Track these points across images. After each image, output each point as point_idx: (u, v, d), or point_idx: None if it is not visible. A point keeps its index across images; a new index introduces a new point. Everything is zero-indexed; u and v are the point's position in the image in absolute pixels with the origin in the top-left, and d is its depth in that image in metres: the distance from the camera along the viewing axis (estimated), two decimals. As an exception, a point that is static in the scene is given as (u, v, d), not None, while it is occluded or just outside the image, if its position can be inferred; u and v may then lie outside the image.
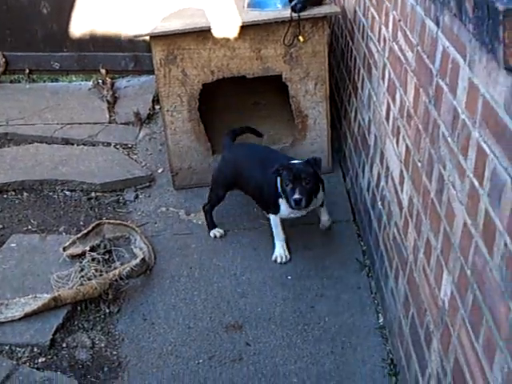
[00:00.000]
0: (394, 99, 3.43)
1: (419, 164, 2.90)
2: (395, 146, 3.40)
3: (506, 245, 1.88)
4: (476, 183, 2.14)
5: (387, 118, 3.59)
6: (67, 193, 5.13)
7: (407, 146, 3.14)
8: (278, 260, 4.23)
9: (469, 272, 2.23)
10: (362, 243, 4.37)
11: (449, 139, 2.44)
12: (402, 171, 3.25)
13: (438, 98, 2.60)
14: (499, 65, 1.87)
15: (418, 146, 2.93)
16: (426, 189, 2.78)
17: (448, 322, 2.48)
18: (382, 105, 3.71)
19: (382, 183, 3.73)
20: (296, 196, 3.86)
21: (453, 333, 2.41)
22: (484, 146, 2.05)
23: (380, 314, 3.79)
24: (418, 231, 2.92)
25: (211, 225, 4.56)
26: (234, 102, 5.78)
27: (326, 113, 4.91)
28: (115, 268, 4.13)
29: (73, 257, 4.28)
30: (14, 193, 5.14)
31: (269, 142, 5.09)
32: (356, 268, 4.17)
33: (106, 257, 4.33)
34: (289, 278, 4.10)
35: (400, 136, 3.29)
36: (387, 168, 3.60)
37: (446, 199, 2.48)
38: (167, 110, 4.82)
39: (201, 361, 3.57)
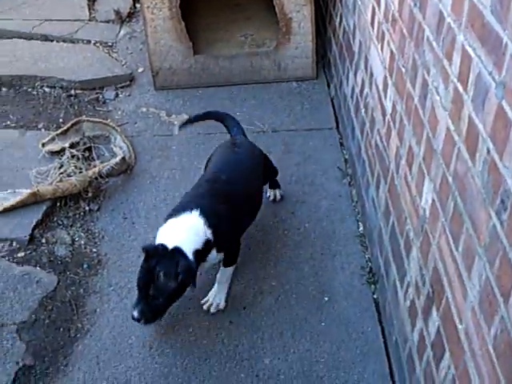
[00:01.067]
0: (379, 3, 3.34)
1: (403, 69, 2.84)
2: (380, 51, 3.33)
3: (488, 151, 1.85)
4: (460, 88, 2.09)
5: (372, 23, 3.51)
6: (46, 89, 5.03)
7: (391, 51, 3.07)
8: (205, 307, 3.37)
9: (450, 179, 2.21)
10: (345, 151, 4.33)
11: (433, 43, 2.38)
12: (385, 77, 3.19)
13: (423, 0, 2.52)
14: (488, -37, 1.80)
15: (402, 50, 2.86)
16: (410, 95, 2.73)
17: (428, 231, 2.48)
18: (367, 9, 3.61)
19: (366, 90, 3.67)
20: (134, 313, 2.99)
21: (432, 241, 2.41)
22: (469, 49, 2.00)
23: (360, 223, 3.79)
24: (401, 138, 2.89)
25: None
26: (216, 3, 5.67)
27: (310, 16, 4.79)
28: (95, 166, 4.12)
29: (52, 153, 4.25)
30: (-8, 88, 5.07)
31: (251, 45, 4.97)
32: (338, 176, 4.15)
33: (86, 154, 4.30)
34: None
35: (385, 41, 3.22)
36: (371, 74, 3.53)
37: (430, 105, 2.44)
38: (147, 7, 4.67)
39: (180, 259, 3.58)
